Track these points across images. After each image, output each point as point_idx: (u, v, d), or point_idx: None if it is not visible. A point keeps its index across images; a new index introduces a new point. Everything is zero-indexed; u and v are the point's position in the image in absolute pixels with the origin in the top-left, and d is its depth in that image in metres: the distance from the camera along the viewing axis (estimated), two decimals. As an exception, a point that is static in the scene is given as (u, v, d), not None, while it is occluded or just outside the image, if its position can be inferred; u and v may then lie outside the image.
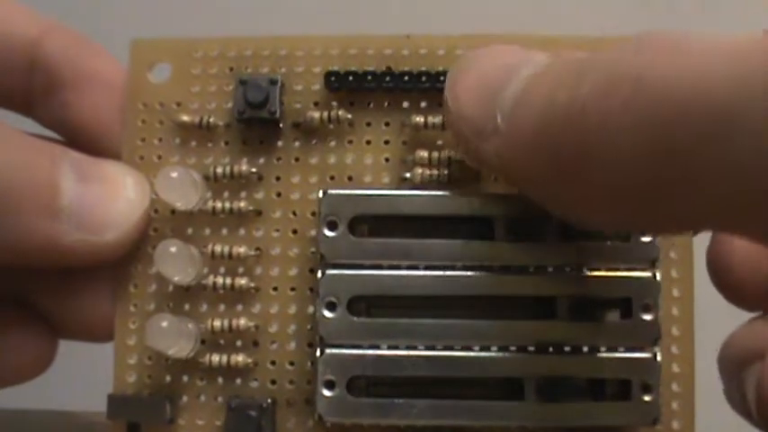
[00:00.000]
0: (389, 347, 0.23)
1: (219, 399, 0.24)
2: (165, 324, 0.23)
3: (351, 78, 0.24)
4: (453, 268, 0.23)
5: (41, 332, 0.25)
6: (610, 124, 0.18)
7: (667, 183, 0.17)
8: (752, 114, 0.16)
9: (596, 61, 0.19)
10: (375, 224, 0.24)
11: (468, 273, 0.23)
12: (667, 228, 0.21)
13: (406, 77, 0.24)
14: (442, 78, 0.24)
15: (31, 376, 0.25)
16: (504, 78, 0.21)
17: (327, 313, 0.23)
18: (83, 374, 0.24)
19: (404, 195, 0.23)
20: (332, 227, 0.23)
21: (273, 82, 0.24)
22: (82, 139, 0.25)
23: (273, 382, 0.24)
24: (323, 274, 0.23)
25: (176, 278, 0.24)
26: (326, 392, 0.23)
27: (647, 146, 0.17)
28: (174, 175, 0.23)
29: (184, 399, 0.24)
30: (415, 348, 0.23)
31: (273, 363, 0.24)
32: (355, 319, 0.23)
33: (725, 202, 0.17)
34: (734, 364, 0.24)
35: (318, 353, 0.23)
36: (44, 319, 0.25)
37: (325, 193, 0.23)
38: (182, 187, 0.24)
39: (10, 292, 0.25)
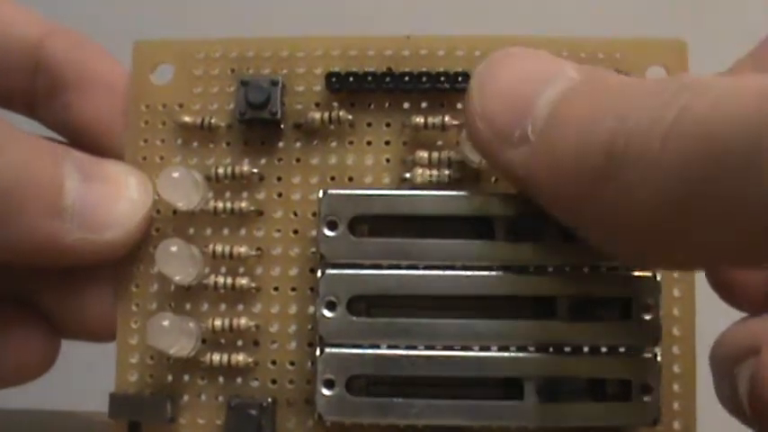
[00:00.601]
0: (389, 347, 0.23)
1: (220, 398, 0.24)
2: (166, 323, 0.23)
3: (351, 79, 0.25)
4: (453, 268, 0.23)
5: (44, 332, 0.25)
6: (649, 157, 0.18)
7: (700, 216, 0.18)
8: None
9: (641, 96, 0.19)
10: (375, 224, 0.24)
11: (468, 273, 0.23)
12: (693, 262, 0.21)
13: (407, 78, 0.25)
14: (442, 79, 0.24)
15: (34, 376, 0.25)
16: (536, 88, 0.21)
17: (327, 313, 0.23)
18: (83, 374, 0.25)
19: (403, 195, 0.23)
20: (332, 227, 0.23)
21: (275, 83, 0.25)
22: (84, 140, 0.25)
23: (274, 381, 0.24)
24: (323, 273, 0.23)
25: (177, 278, 0.24)
26: (326, 392, 0.23)
27: (685, 180, 0.17)
28: (176, 175, 0.24)
29: (185, 398, 0.24)
30: (414, 348, 0.23)
31: (274, 362, 0.24)
32: (355, 318, 0.23)
33: (757, 237, 0.17)
34: (727, 361, 0.24)
35: (318, 352, 0.23)
36: (46, 319, 0.25)
37: (325, 193, 0.23)
38: (183, 188, 0.24)
39: (12, 292, 0.25)
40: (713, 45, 0.26)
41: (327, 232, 0.23)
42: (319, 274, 0.23)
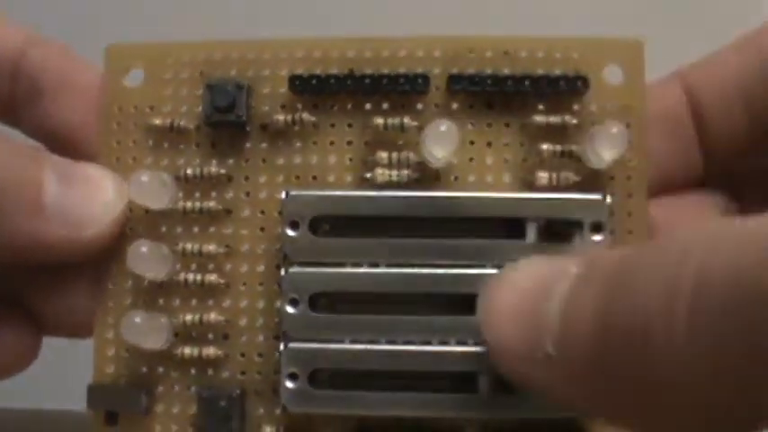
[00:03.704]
0: (351, 341, 0.24)
1: (193, 389, 0.25)
2: (138, 320, 0.24)
3: (314, 82, 0.25)
4: (412, 266, 0.24)
5: (26, 329, 0.26)
6: (676, 345, 0.16)
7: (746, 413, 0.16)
8: None
9: (642, 272, 0.17)
10: (336, 223, 0.25)
11: (426, 270, 0.24)
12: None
13: (368, 80, 0.25)
14: (401, 80, 0.25)
15: (14, 372, 0.27)
16: (540, 297, 0.19)
17: (290, 309, 0.24)
18: (83, 374, 0.26)
19: (363, 196, 0.24)
20: (294, 227, 0.24)
21: (240, 86, 0.25)
22: (63, 146, 0.26)
23: (243, 372, 0.25)
24: (286, 271, 0.24)
25: (149, 275, 0.25)
26: (290, 384, 0.24)
27: (731, 347, 0.16)
28: (145, 179, 0.25)
29: (160, 389, 0.26)
30: (375, 343, 0.24)
31: (243, 355, 0.25)
32: (317, 314, 0.24)
33: None
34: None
35: (282, 347, 0.24)
36: (29, 317, 0.26)
37: (287, 194, 0.24)
38: (152, 190, 0.25)
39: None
40: (671, 44, 0.26)
41: (290, 232, 0.24)
42: (283, 272, 0.24)
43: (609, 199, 0.24)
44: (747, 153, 0.26)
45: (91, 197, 0.25)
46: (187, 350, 0.25)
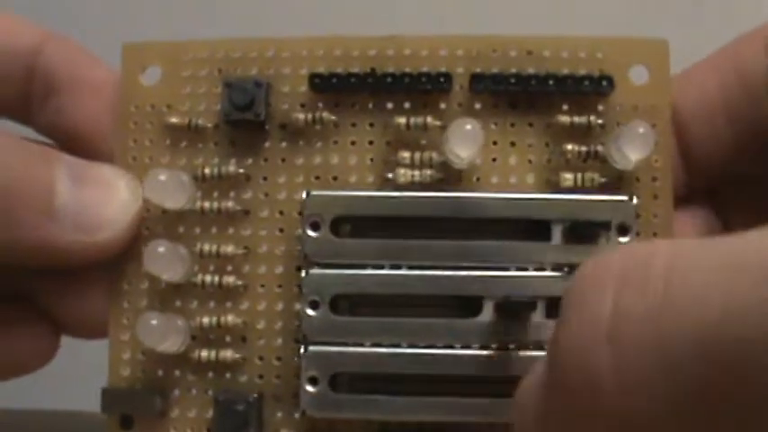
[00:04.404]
0: (372, 345, 0.24)
1: (209, 392, 0.25)
2: (154, 322, 0.24)
3: (335, 80, 0.25)
4: (434, 268, 0.24)
5: (43, 327, 0.26)
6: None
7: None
8: None
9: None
10: (357, 224, 0.24)
11: (449, 272, 0.24)
12: None
13: (390, 79, 0.25)
14: (424, 80, 0.25)
15: (32, 370, 0.26)
16: None
17: (310, 312, 0.24)
18: (83, 374, 0.25)
19: (384, 197, 0.24)
20: (315, 227, 0.24)
21: (259, 85, 0.25)
22: (76, 144, 0.26)
23: (261, 376, 0.25)
24: (307, 273, 0.24)
25: (165, 276, 0.24)
26: (310, 388, 0.24)
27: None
28: (162, 178, 0.24)
29: (176, 392, 0.25)
30: (397, 346, 0.24)
31: (261, 358, 0.25)
32: (337, 317, 0.24)
33: None
34: None
35: (302, 350, 0.24)
36: (46, 316, 0.26)
37: (308, 194, 0.24)
38: (170, 189, 0.24)
39: (11, 289, 0.26)
40: (697, 44, 0.26)
41: (311, 233, 0.24)
42: (303, 273, 0.24)
43: (636, 200, 0.24)
44: (730, 169, 0.25)
45: (104, 200, 0.24)
46: (204, 353, 0.25)
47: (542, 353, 0.23)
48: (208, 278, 0.25)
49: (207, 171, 0.25)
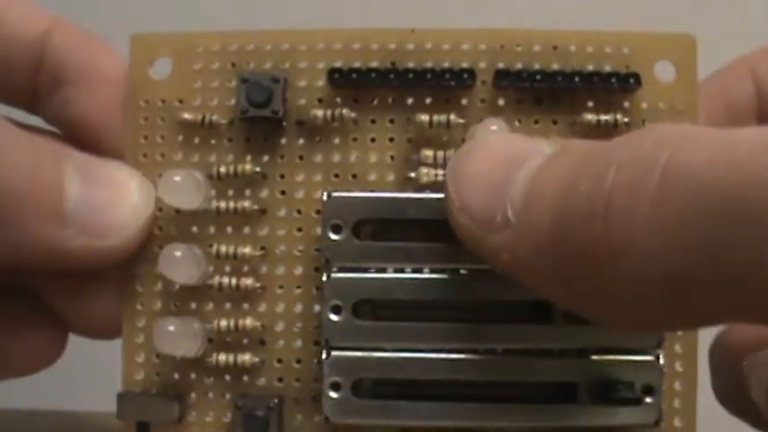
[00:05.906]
0: (395, 350, 0.23)
1: (227, 396, 0.24)
2: (171, 328, 0.23)
3: (354, 75, 0.24)
4: (458, 271, 0.23)
5: (51, 328, 0.25)
6: (638, 218, 0.17)
7: (704, 277, 0.16)
8: None
9: (614, 152, 0.18)
10: (379, 227, 0.24)
11: (473, 275, 0.23)
12: (694, 324, 0.20)
13: (411, 74, 0.24)
14: (447, 75, 0.24)
15: (40, 368, 0.26)
16: (511, 168, 0.20)
17: (333, 316, 0.23)
18: (84, 374, 0.25)
19: (408, 198, 0.23)
20: (336, 230, 0.23)
21: (276, 80, 0.24)
22: (84, 136, 0.25)
23: (280, 380, 0.24)
24: (328, 277, 0.23)
25: (181, 280, 0.24)
26: (332, 394, 0.23)
27: (683, 240, 0.16)
28: (178, 179, 0.23)
29: (193, 396, 0.25)
30: (420, 351, 0.23)
31: (280, 361, 0.24)
32: (360, 322, 0.23)
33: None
34: (732, 353, 0.24)
35: (324, 355, 0.23)
36: (54, 316, 0.25)
37: (329, 195, 0.23)
38: (185, 190, 0.24)
39: (19, 289, 0.25)
40: (722, 40, 0.25)
41: (332, 236, 0.23)
42: (324, 277, 0.23)
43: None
44: None
45: (116, 202, 0.24)
46: (222, 357, 0.24)
47: (566, 359, 0.23)
48: (225, 280, 0.24)
49: (222, 170, 0.24)
